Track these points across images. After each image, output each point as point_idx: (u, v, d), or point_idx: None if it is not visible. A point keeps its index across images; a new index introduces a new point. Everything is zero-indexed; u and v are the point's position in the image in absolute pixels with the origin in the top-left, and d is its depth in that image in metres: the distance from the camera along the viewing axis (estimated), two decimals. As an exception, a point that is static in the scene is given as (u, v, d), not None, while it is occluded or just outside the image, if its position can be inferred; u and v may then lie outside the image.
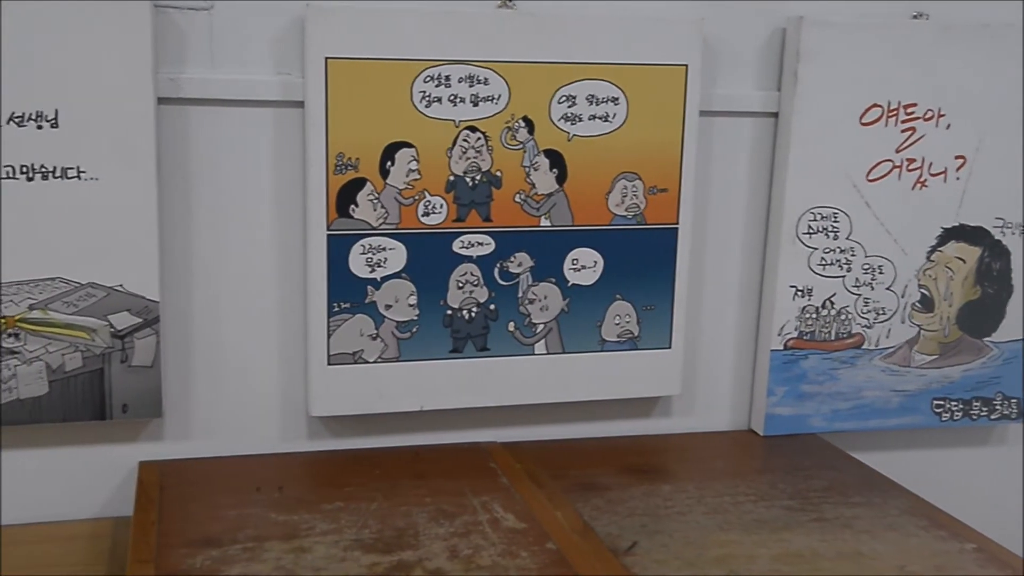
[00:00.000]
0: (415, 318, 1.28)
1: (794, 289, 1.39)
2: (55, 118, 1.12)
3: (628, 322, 1.35)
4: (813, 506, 1.20)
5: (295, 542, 1.06)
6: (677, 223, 1.34)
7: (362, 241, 1.24)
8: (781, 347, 1.41)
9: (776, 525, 1.16)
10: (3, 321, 1.15)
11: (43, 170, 1.13)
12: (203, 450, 1.28)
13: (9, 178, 1.12)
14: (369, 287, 1.26)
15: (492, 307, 1.30)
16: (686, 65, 1.29)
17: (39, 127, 1.12)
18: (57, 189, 1.14)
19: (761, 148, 1.39)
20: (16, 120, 1.11)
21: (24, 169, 1.13)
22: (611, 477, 1.27)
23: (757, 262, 1.42)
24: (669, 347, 1.37)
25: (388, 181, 1.24)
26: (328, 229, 1.23)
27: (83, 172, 1.14)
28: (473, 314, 1.30)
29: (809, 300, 1.39)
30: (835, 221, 1.38)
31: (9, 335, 1.16)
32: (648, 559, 1.06)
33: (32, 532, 1.20)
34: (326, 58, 1.19)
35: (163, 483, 1.19)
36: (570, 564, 1.04)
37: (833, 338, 1.41)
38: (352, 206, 1.23)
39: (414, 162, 1.24)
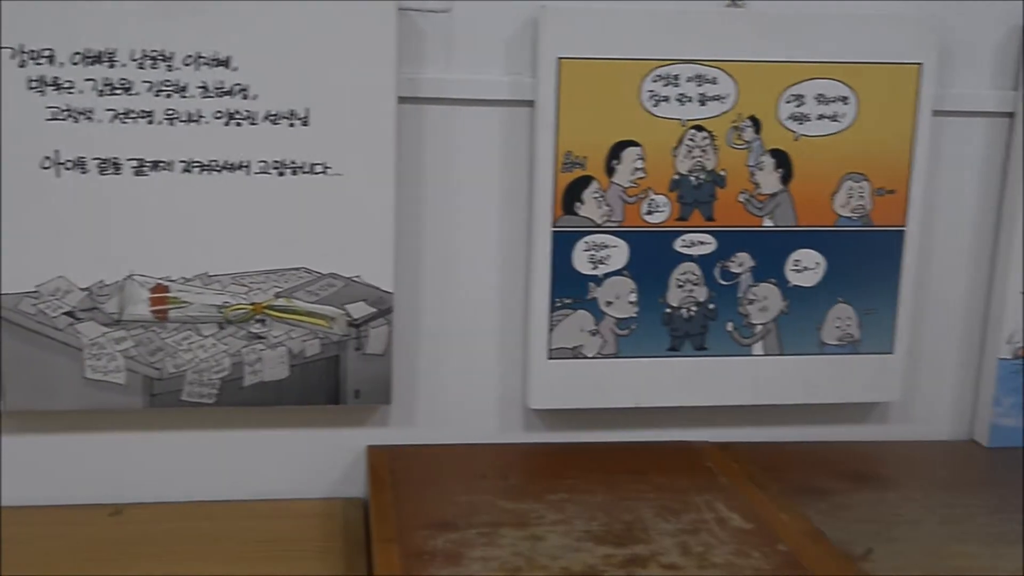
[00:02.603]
0: (634, 315, 1.29)
1: (1025, 296, 1.34)
2: (306, 116, 1.19)
3: (849, 325, 1.32)
4: (1052, 522, 1.16)
5: (528, 530, 1.09)
6: (904, 225, 1.30)
7: (586, 238, 1.27)
8: (1009, 356, 1.35)
9: (1014, 539, 1.12)
10: (251, 308, 1.22)
11: (293, 166, 1.20)
12: (425, 437, 1.33)
13: (262, 173, 1.19)
14: (591, 283, 1.28)
15: (711, 306, 1.30)
16: (920, 64, 1.26)
17: (291, 125, 1.19)
18: (305, 184, 1.20)
19: (994, 149, 1.34)
20: (271, 118, 1.18)
21: (276, 165, 1.19)
22: (832, 482, 1.25)
23: (985, 267, 1.38)
24: (891, 352, 1.34)
25: (613, 179, 1.25)
26: (553, 226, 1.26)
27: (329, 168, 1.20)
28: (692, 313, 1.30)
29: (1041, 308, 1.34)
30: (1073, 226, 1.32)
31: (256, 321, 1.23)
32: (885, 566, 1.04)
33: (269, 507, 1.26)
34: (558, 58, 1.21)
35: (392, 467, 1.24)
36: (805, 567, 1.03)
37: (1066, 348, 1.36)
38: (577, 203, 1.25)
39: (640, 161, 1.25)
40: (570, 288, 1.28)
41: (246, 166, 1.19)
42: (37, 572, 1.10)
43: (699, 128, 1.25)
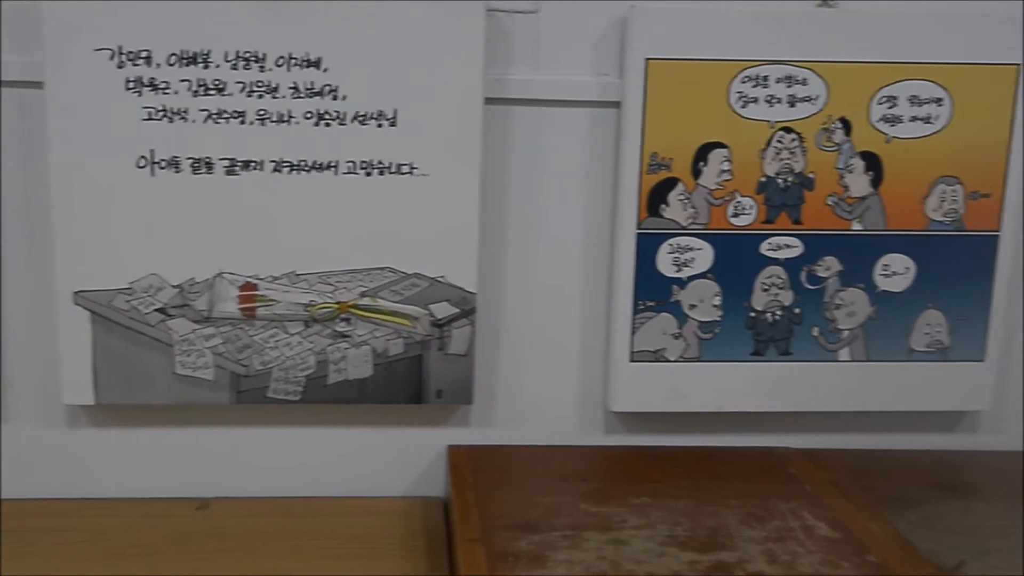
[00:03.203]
0: (718, 319, 1.28)
1: (1125, 304, 1.30)
2: (394, 117, 1.19)
3: (939, 332, 1.29)
4: None
5: (611, 533, 1.08)
6: (999, 230, 1.27)
7: (670, 240, 1.26)
8: (1107, 366, 1.32)
9: (1115, 556, 1.08)
10: (337, 306, 1.24)
11: (380, 166, 1.21)
12: (505, 438, 1.33)
13: (350, 173, 1.20)
14: (674, 286, 1.27)
15: (797, 311, 1.28)
16: (1018, 65, 1.23)
17: (379, 126, 1.20)
18: (391, 184, 1.21)
19: (1093, 153, 1.30)
20: (360, 119, 1.19)
21: (364, 165, 1.20)
22: (920, 491, 1.22)
23: (1082, 274, 1.34)
24: (982, 360, 1.30)
25: (699, 181, 1.24)
26: (638, 228, 1.25)
27: (415, 168, 1.21)
28: (777, 317, 1.28)
29: None
30: None
31: (342, 320, 1.24)
32: (980, 580, 1.02)
33: (351, 505, 1.28)
34: (646, 59, 1.21)
35: (473, 467, 1.25)
36: (896, 578, 1.01)
37: None
38: (663, 205, 1.24)
39: (727, 163, 1.24)
40: (653, 290, 1.27)
41: (334, 166, 1.20)
42: (127, 563, 1.13)
43: (788, 130, 1.24)
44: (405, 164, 1.21)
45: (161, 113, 1.17)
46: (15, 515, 1.23)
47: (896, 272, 1.28)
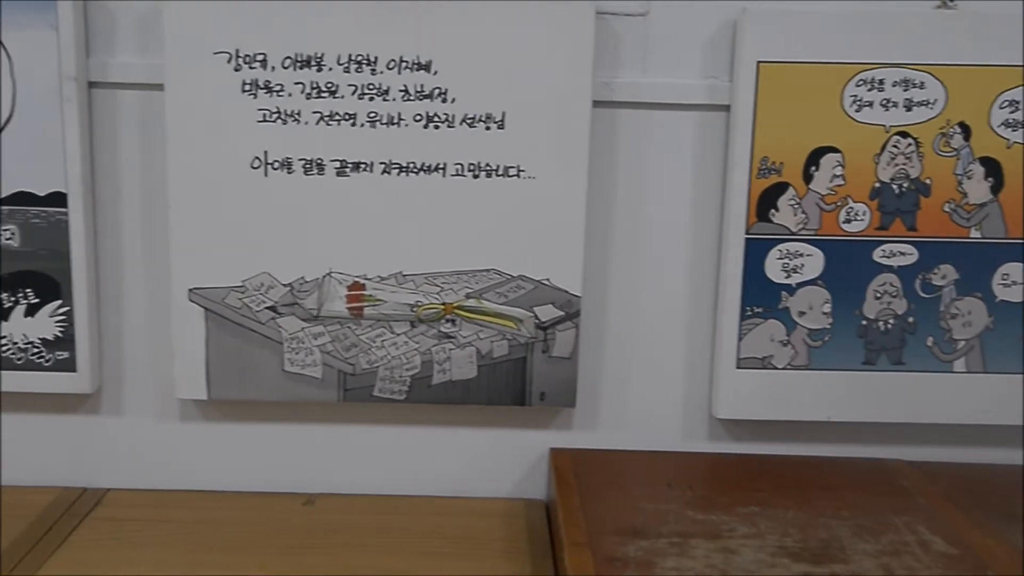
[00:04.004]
0: (828, 326, 1.25)
1: None
2: (502, 120, 1.20)
3: (1060, 344, 1.25)
4: None
5: (719, 542, 1.07)
6: None
7: (779, 246, 1.23)
8: None
9: None
10: (443, 307, 1.25)
11: (487, 168, 1.21)
12: (607, 442, 1.32)
13: (457, 175, 1.21)
14: (783, 292, 1.25)
15: (910, 320, 1.25)
16: None
17: (487, 128, 1.20)
18: (498, 187, 1.21)
19: None
20: (468, 121, 1.20)
21: (471, 167, 1.21)
22: (1040, 509, 1.18)
23: None
24: (1106, 374, 1.26)
25: (811, 186, 1.22)
26: (747, 233, 1.23)
27: (523, 171, 1.21)
28: (889, 326, 1.25)
29: None
30: None
31: (447, 321, 1.25)
32: (1109, 603, 0.98)
33: (453, 504, 1.28)
34: (758, 62, 1.19)
35: (576, 470, 1.24)
36: (1018, 598, 0.98)
37: None
38: (772, 211, 1.22)
39: (839, 168, 1.21)
40: (761, 296, 1.25)
41: (442, 168, 1.21)
42: (234, 555, 1.15)
43: (904, 134, 1.21)
44: (512, 166, 1.21)
45: (275, 115, 1.19)
46: (128, 504, 1.26)
47: (1016, 282, 1.24)
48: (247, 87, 1.18)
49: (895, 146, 1.21)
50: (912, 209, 1.22)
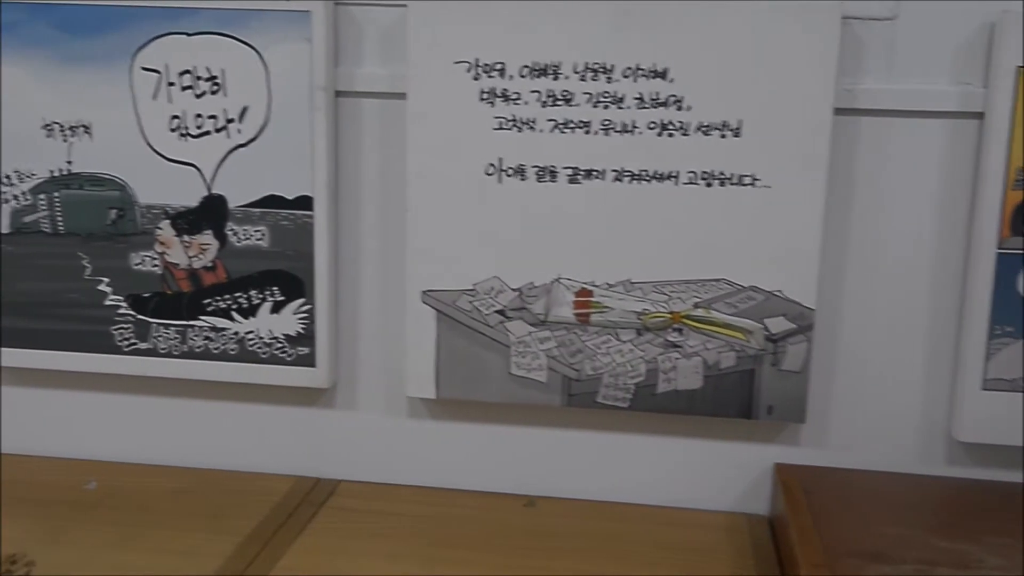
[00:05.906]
0: (1087, 349, 1.17)
1: None
2: (738, 128, 1.18)
3: None
4: None
5: (968, 571, 1.01)
6: None
7: (1035, 262, 1.16)
8: None
9: None
10: (670, 316, 1.24)
11: (721, 176, 1.19)
12: (836, 460, 1.28)
13: (690, 184, 1.20)
14: (1037, 311, 1.18)
15: None
16: None
17: (722, 136, 1.18)
18: (731, 195, 1.19)
19: None
20: (703, 129, 1.19)
21: (704, 175, 1.20)
22: None
23: None
24: None
25: (1073, 199, 1.14)
26: (999, 247, 1.16)
27: (757, 180, 1.19)
28: None
29: None
30: None
31: (674, 330, 1.24)
32: None
33: (675, 515, 1.27)
34: (1018, 67, 1.12)
35: (805, 487, 1.21)
36: None
37: None
38: (1028, 224, 1.16)
39: (1106, 179, 1.13)
40: (1013, 315, 1.18)
41: (675, 176, 1.20)
42: (455, 551, 1.18)
43: None
44: (747, 175, 1.19)
45: (511, 123, 1.21)
46: (359, 495, 1.32)
47: None
48: (485, 95, 1.21)
49: None
50: None
